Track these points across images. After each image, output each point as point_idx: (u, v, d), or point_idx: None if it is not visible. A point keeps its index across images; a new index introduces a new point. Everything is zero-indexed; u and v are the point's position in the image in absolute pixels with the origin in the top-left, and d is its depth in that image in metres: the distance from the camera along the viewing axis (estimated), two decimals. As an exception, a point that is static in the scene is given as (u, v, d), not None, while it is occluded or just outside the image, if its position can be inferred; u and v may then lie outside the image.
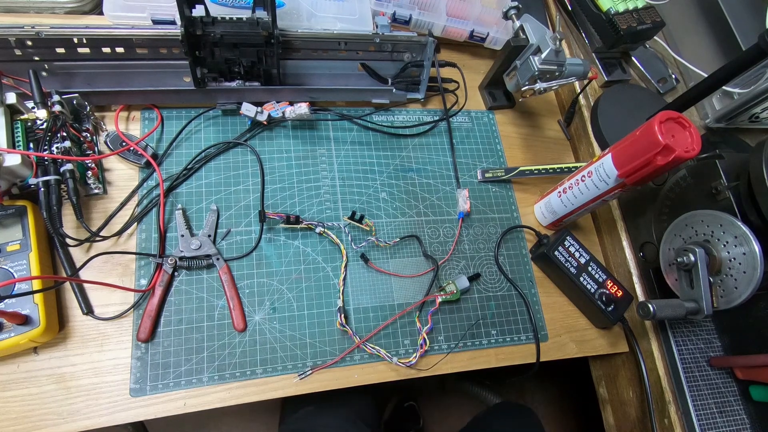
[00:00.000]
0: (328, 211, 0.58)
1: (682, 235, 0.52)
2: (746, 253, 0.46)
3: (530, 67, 0.56)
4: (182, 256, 0.50)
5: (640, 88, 0.73)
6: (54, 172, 0.45)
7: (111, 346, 0.47)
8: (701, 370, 0.56)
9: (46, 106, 0.47)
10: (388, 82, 0.63)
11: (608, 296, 0.56)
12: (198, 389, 0.47)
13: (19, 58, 0.50)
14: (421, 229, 0.59)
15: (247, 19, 0.51)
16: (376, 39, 0.58)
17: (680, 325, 0.58)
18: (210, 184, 0.55)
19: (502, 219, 0.63)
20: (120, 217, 0.51)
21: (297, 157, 0.59)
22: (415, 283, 0.56)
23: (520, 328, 0.57)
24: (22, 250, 0.45)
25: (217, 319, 0.50)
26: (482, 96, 0.71)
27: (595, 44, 0.74)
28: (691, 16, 0.78)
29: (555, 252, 0.57)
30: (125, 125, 0.56)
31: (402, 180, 0.62)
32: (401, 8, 0.63)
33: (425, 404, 1.12)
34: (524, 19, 0.59)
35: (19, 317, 0.42)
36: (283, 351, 0.50)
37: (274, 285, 0.53)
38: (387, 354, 0.51)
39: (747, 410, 0.56)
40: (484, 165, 0.66)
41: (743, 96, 0.64)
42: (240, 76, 0.56)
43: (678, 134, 0.44)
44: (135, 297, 0.49)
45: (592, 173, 0.52)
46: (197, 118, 0.58)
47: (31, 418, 0.43)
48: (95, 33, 0.49)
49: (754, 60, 0.48)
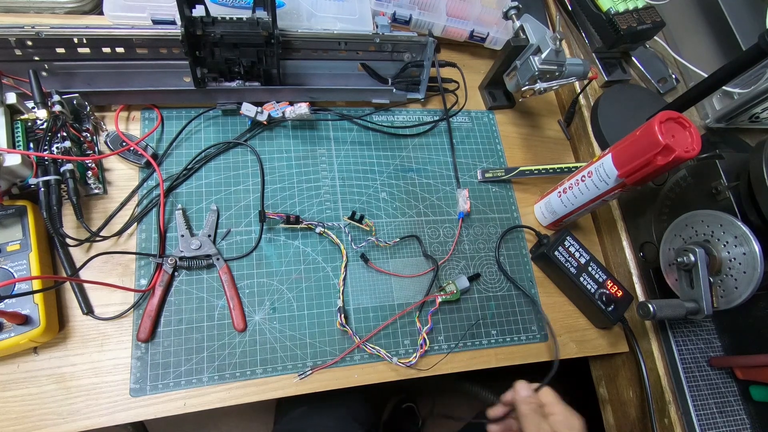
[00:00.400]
0: (328, 211, 0.58)
1: (682, 235, 0.52)
2: (746, 253, 0.46)
3: (530, 67, 0.56)
4: (182, 256, 0.50)
5: (640, 88, 0.73)
6: (54, 172, 0.45)
7: (111, 346, 0.47)
8: (701, 370, 0.56)
9: (46, 106, 0.47)
10: (388, 82, 0.63)
11: (608, 296, 0.56)
12: (198, 389, 0.47)
13: (19, 58, 0.50)
14: (421, 229, 0.59)
15: (247, 19, 0.51)
16: (376, 39, 0.58)
17: (680, 325, 0.58)
18: (210, 184, 0.55)
19: (502, 219, 0.63)
20: (120, 217, 0.51)
21: (297, 157, 0.59)
22: (415, 283, 0.56)
23: (520, 328, 0.57)
24: (22, 250, 0.45)
25: (217, 319, 0.50)
26: (482, 96, 0.71)
27: (595, 44, 0.74)
28: (691, 16, 0.78)
29: (555, 252, 0.57)
30: (125, 125, 0.56)
31: (402, 180, 0.62)
32: (401, 8, 0.63)
33: (424, 405, 1.12)
34: (524, 19, 0.59)
35: (19, 317, 0.42)
36: (283, 351, 0.50)
37: (274, 285, 0.53)
38: (387, 354, 0.51)
39: (747, 410, 0.56)
40: (484, 165, 0.66)
41: (743, 96, 0.64)
42: (240, 76, 0.56)
43: (678, 134, 0.44)
44: (135, 297, 0.49)
45: (592, 173, 0.52)
46: (197, 118, 0.58)
47: (31, 418, 0.43)
48: (95, 33, 0.49)
49: (754, 60, 0.48)
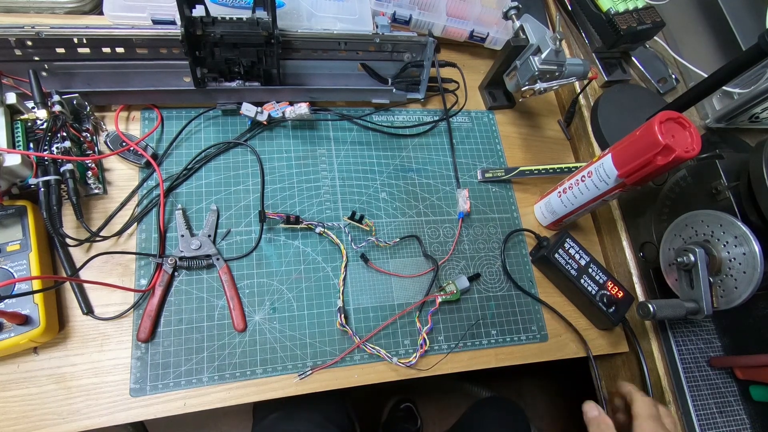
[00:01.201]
0: (328, 212, 0.58)
1: (682, 235, 0.52)
2: (746, 253, 0.46)
3: (530, 67, 0.56)
4: (182, 256, 0.50)
5: (640, 88, 0.73)
6: (54, 172, 0.45)
7: (111, 346, 0.47)
8: (701, 370, 0.56)
9: (46, 106, 0.47)
10: (388, 82, 0.63)
11: (609, 297, 0.56)
12: (198, 389, 0.47)
13: (19, 58, 0.50)
14: (421, 229, 0.59)
15: (247, 19, 0.51)
16: (376, 39, 0.58)
17: (680, 325, 0.58)
18: (210, 184, 0.55)
19: (502, 219, 0.63)
20: (120, 217, 0.51)
21: (297, 157, 0.59)
22: (414, 284, 0.56)
23: (520, 328, 0.57)
24: (22, 250, 0.45)
25: (217, 319, 0.50)
26: (482, 96, 0.71)
27: (595, 44, 0.74)
28: (691, 16, 0.78)
29: (555, 255, 0.57)
30: (125, 125, 0.56)
31: (402, 180, 0.62)
32: (401, 8, 0.63)
33: (423, 405, 1.12)
34: (524, 19, 0.59)
35: (19, 317, 0.42)
36: (283, 351, 0.50)
37: (274, 285, 0.53)
38: (387, 354, 0.51)
39: (747, 410, 0.56)
40: (484, 165, 0.66)
41: (743, 96, 0.64)
42: (240, 76, 0.56)
43: (678, 134, 0.44)
44: (135, 297, 0.49)
45: (592, 173, 0.52)
46: (197, 118, 0.58)
47: (31, 418, 0.43)
48: (95, 33, 0.49)
49: (754, 60, 0.48)
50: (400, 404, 1.08)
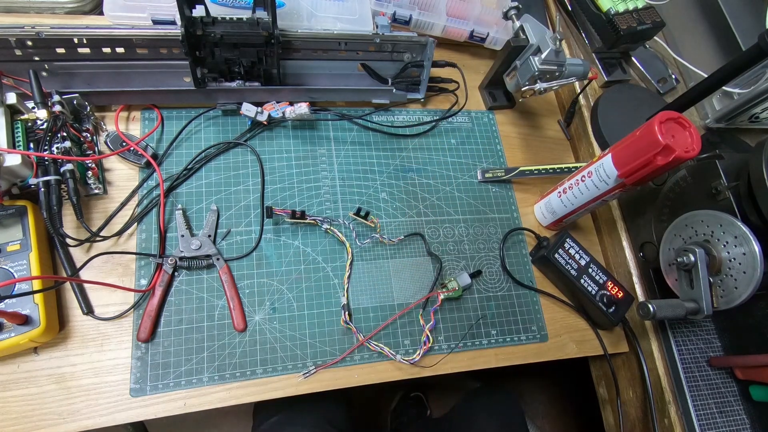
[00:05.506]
0: (329, 211, 0.58)
1: (682, 235, 0.52)
2: (746, 253, 0.46)
3: (530, 67, 0.56)
4: (182, 256, 0.50)
5: (640, 88, 0.73)
6: (54, 172, 0.45)
7: (111, 346, 0.47)
8: (701, 370, 0.56)
9: (47, 106, 0.47)
10: (388, 82, 0.63)
11: (609, 297, 0.56)
12: (198, 389, 0.47)
13: (19, 58, 0.50)
14: (421, 230, 0.59)
15: (247, 19, 0.51)
16: (376, 39, 0.58)
17: (680, 325, 0.58)
18: (210, 184, 0.55)
19: (502, 219, 0.63)
20: (120, 217, 0.51)
21: (297, 157, 0.59)
22: (415, 283, 0.56)
23: (520, 328, 0.57)
24: (22, 250, 0.45)
25: (217, 319, 0.50)
26: (482, 96, 0.71)
27: (595, 44, 0.74)
28: (691, 16, 0.78)
29: (555, 255, 0.57)
30: (125, 125, 0.56)
31: (402, 180, 0.62)
32: (401, 8, 0.63)
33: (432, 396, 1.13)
34: (524, 19, 0.59)
35: (19, 317, 0.42)
36: (283, 351, 0.50)
37: (274, 285, 0.53)
38: (390, 351, 0.51)
39: (747, 410, 0.56)
40: (484, 165, 0.66)
41: (743, 96, 0.64)
42: (240, 76, 0.56)
43: (678, 134, 0.44)
44: (135, 297, 0.49)
45: (592, 173, 0.52)
46: (197, 118, 0.58)
47: (31, 418, 0.43)
48: (95, 33, 0.49)
49: (754, 60, 0.48)
50: (410, 393, 1.09)
